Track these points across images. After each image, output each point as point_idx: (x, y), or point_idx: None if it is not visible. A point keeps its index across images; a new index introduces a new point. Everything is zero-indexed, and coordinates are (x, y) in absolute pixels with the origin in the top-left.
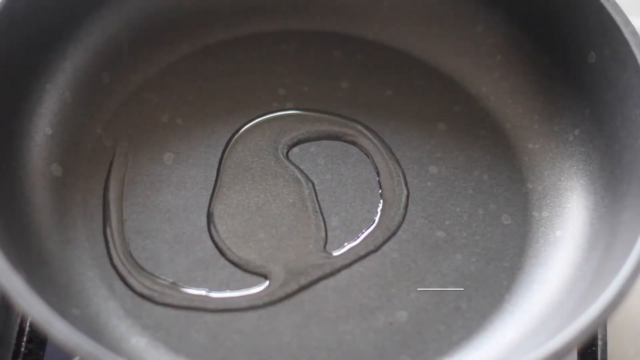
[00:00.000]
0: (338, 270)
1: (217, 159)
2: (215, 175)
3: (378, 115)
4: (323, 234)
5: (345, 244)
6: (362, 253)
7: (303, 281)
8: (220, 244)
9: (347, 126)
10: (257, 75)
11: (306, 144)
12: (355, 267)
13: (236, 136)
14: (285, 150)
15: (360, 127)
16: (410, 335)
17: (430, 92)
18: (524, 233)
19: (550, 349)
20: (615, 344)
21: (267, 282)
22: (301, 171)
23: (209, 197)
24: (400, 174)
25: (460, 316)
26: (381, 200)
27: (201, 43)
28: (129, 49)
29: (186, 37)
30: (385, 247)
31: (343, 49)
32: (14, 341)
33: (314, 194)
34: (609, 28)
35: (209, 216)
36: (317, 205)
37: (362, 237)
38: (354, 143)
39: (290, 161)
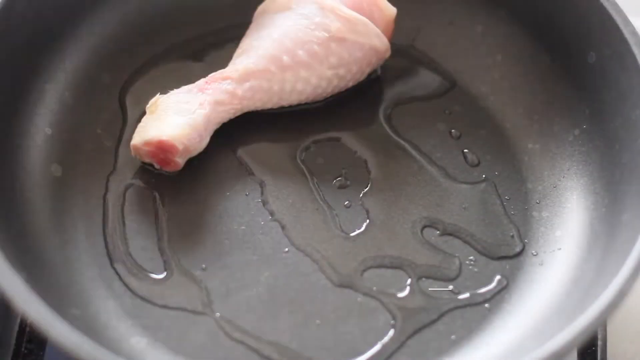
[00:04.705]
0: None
1: (217, 159)
2: (215, 175)
3: None
4: (331, 223)
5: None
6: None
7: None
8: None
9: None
10: None
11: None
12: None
13: (236, 136)
14: (288, 151)
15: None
16: (410, 335)
17: (430, 92)
18: (524, 233)
19: (550, 349)
20: (615, 344)
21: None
22: (307, 167)
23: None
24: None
25: (460, 316)
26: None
27: (201, 43)
28: (128, 49)
29: (186, 36)
30: (385, 247)
31: None
32: (14, 341)
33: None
34: (609, 28)
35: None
36: (322, 195)
37: (361, 236)
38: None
39: (301, 162)
